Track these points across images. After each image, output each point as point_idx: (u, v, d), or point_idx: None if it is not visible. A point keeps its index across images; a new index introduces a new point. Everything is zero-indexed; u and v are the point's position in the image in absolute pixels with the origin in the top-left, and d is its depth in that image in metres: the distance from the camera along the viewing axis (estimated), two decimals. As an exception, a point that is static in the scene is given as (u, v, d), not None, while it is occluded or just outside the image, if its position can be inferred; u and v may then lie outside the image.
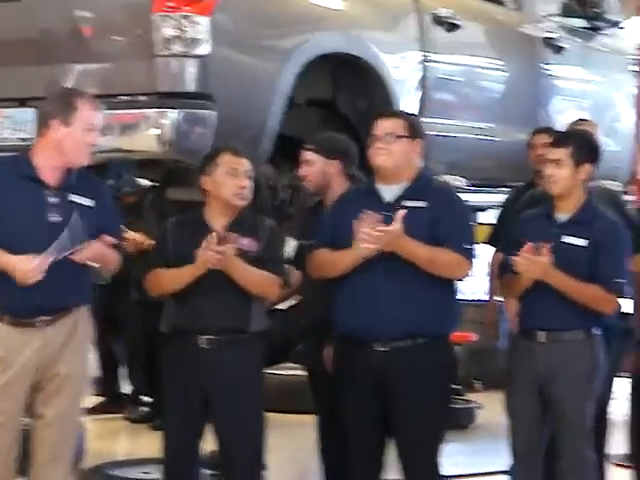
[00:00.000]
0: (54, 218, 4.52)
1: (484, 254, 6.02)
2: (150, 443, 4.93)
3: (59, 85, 4.88)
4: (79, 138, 4.51)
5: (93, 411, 8.10)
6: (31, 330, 4.57)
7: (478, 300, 8.12)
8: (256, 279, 4.71)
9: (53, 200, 4.55)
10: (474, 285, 7.44)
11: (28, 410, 4.75)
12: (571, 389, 4.89)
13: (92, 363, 8.64)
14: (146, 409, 7.92)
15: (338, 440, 5.03)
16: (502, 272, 5.06)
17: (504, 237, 5.43)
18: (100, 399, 8.44)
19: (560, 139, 5.04)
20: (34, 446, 4.76)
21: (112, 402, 8.44)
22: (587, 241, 4.89)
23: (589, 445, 5.00)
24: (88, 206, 4.58)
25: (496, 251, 6.05)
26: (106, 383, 8.59)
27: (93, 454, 6.28)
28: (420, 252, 4.58)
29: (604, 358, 5.01)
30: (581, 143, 5.00)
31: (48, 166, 4.55)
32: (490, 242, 6.33)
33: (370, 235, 4.51)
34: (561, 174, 4.88)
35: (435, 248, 4.60)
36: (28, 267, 4.44)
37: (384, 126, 4.71)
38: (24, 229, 4.48)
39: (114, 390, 8.61)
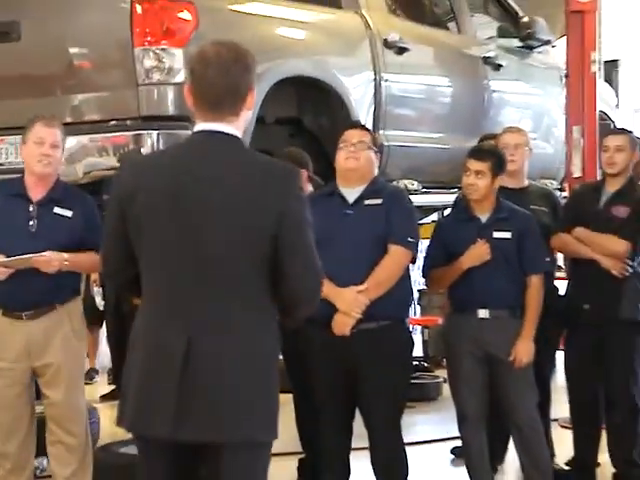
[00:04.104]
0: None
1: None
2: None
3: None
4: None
5: (107, 398, 8.12)
6: (19, 322, 4.67)
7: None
8: None
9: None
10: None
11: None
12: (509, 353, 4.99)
13: (105, 355, 8.67)
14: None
15: (311, 414, 5.01)
16: (430, 270, 5.14)
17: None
18: (113, 387, 8.43)
19: (482, 154, 5.11)
20: (48, 425, 4.88)
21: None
22: (511, 233, 5.03)
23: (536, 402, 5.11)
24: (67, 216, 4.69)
25: None
26: (118, 373, 8.56)
27: (108, 436, 6.24)
28: (380, 289, 4.65)
29: None
30: (498, 158, 5.13)
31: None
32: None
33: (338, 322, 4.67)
34: (482, 183, 5.03)
35: (378, 271, 4.67)
36: None
37: (355, 135, 4.79)
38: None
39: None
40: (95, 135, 5.01)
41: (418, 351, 9.61)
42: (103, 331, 8.72)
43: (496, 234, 5.03)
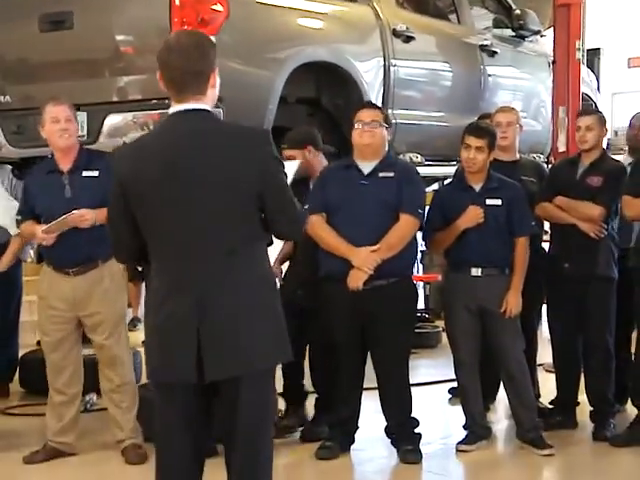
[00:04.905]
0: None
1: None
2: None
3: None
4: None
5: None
6: (66, 276, 4.75)
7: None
8: None
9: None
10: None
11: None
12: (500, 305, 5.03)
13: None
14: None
15: (325, 360, 5.05)
16: (430, 234, 5.14)
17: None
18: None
19: (481, 132, 5.12)
20: (99, 366, 5.01)
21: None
22: (501, 200, 5.06)
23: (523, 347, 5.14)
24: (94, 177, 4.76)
25: None
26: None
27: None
28: (391, 251, 4.70)
29: None
30: (493, 135, 5.16)
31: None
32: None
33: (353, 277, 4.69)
34: (481, 157, 5.06)
35: (390, 235, 4.72)
36: (39, 235, 4.75)
37: (369, 115, 4.79)
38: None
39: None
40: (138, 112, 5.00)
41: (420, 304, 9.63)
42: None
43: (488, 201, 5.06)
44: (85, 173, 4.81)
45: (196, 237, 2.97)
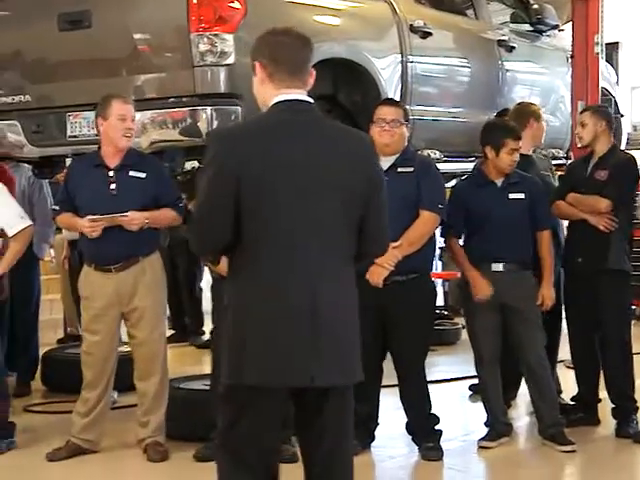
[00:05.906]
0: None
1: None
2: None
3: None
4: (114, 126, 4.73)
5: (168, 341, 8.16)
6: (108, 274, 4.75)
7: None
8: None
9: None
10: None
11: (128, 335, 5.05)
12: (528, 301, 5.06)
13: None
14: (207, 337, 7.89)
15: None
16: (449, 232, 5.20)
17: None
18: (171, 332, 8.49)
19: (519, 133, 5.21)
20: (134, 363, 5.01)
21: (181, 334, 8.48)
22: (524, 195, 5.10)
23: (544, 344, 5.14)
24: (141, 178, 4.77)
25: None
26: (175, 319, 8.62)
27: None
28: (411, 247, 4.72)
29: None
30: None
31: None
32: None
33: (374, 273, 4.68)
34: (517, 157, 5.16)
35: (411, 232, 4.75)
36: (85, 224, 4.72)
37: (390, 112, 4.81)
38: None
39: (181, 324, 8.62)
40: (156, 111, 5.00)
41: (439, 301, 9.62)
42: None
43: (511, 195, 5.08)
44: (132, 173, 4.83)
45: (308, 230, 2.90)
